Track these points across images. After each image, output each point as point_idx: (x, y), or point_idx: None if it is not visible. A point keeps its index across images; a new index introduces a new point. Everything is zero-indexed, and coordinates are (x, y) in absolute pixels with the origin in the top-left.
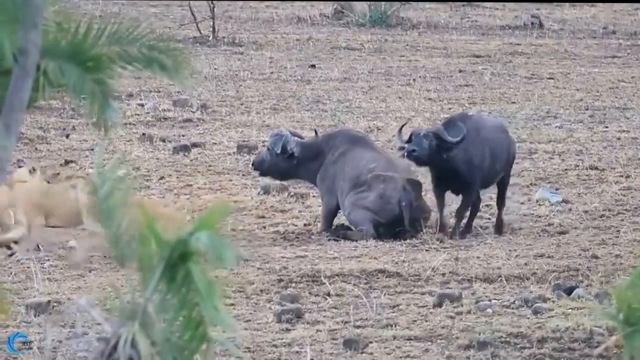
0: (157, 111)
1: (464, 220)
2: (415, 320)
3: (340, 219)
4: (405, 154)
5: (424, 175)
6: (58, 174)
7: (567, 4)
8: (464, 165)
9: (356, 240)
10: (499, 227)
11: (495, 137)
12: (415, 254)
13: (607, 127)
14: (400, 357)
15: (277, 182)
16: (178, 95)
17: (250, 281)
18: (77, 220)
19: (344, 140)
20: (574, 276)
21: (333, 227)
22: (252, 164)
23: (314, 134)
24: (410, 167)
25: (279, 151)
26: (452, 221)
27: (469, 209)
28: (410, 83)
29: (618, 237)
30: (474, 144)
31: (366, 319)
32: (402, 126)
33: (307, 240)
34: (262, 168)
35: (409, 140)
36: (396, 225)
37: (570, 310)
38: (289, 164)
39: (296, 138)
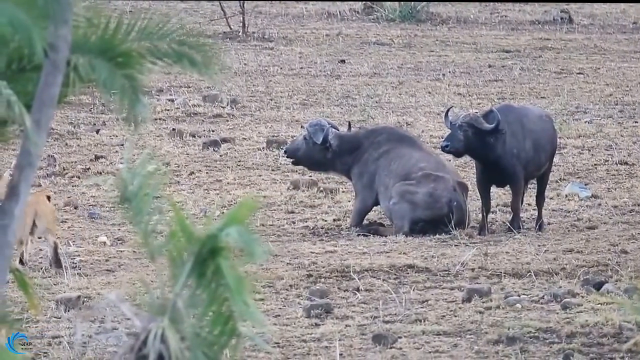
0: (187, 106)
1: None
2: (444, 316)
3: (369, 216)
4: (440, 149)
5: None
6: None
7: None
8: (507, 156)
9: (385, 236)
10: (540, 225)
11: (539, 128)
12: (445, 249)
13: (636, 122)
14: (429, 352)
15: (307, 177)
16: (208, 90)
17: (279, 276)
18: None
19: (390, 138)
20: (603, 271)
21: (365, 223)
22: (285, 151)
23: (347, 127)
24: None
25: (319, 142)
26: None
27: (522, 199)
28: (439, 78)
29: None
30: (517, 135)
31: (395, 314)
32: (448, 110)
33: (336, 236)
34: (295, 156)
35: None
36: (438, 224)
37: (599, 305)
38: (324, 155)
39: (334, 130)
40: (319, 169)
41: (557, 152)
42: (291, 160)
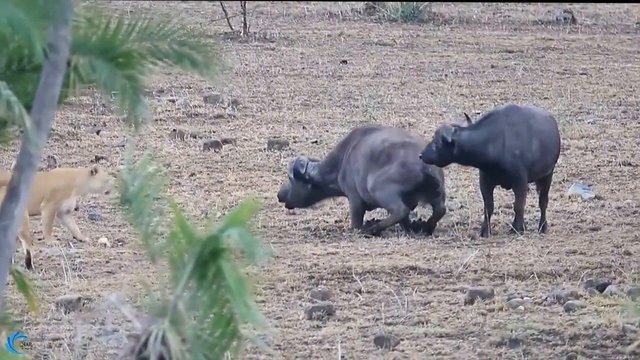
0: (188, 107)
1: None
2: (446, 318)
3: (371, 215)
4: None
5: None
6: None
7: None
8: (507, 157)
9: (391, 225)
10: (544, 226)
11: (547, 129)
12: (447, 251)
13: None
14: (432, 355)
15: None
16: (209, 91)
17: (281, 278)
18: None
19: (356, 135)
20: (607, 273)
21: (364, 223)
22: (279, 199)
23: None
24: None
25: (292, 177)
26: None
27: (525, 200)
28: (442, 79)
29: None
30: (521, 135)
31: (397, 316)
32: (467, 117)
33: (338, 237)
34: (285, 199)
35: None
36: (422, 192)
37: (602, 307)
38: (307, 188)
39: (313, 162)
40: (313, 202)
41: (560, 153)
42: (285, 205)
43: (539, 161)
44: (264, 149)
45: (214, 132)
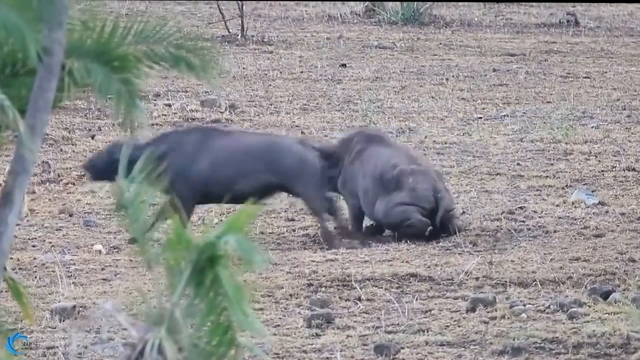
0: (185, 111)
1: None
2: (448, 326)
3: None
4: None
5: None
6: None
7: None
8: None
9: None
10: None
11: (219, 147)
12: (448, 258)
13: None
14: None
15: None
16: (206, 95)
17: (279, 285)
18: None
19: (360, 140)
20: (611, 280)
21: (363, 229)
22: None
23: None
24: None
25: None
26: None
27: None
28: (443, 82)
29: None
30: (182, 156)
31: (398, 324)
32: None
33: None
34: None
35: None
36: (430, 217)
37: (606, 315)
38: None
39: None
40: None
41: (563, 158)
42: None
43: (211, 178)
44: None
45: None
